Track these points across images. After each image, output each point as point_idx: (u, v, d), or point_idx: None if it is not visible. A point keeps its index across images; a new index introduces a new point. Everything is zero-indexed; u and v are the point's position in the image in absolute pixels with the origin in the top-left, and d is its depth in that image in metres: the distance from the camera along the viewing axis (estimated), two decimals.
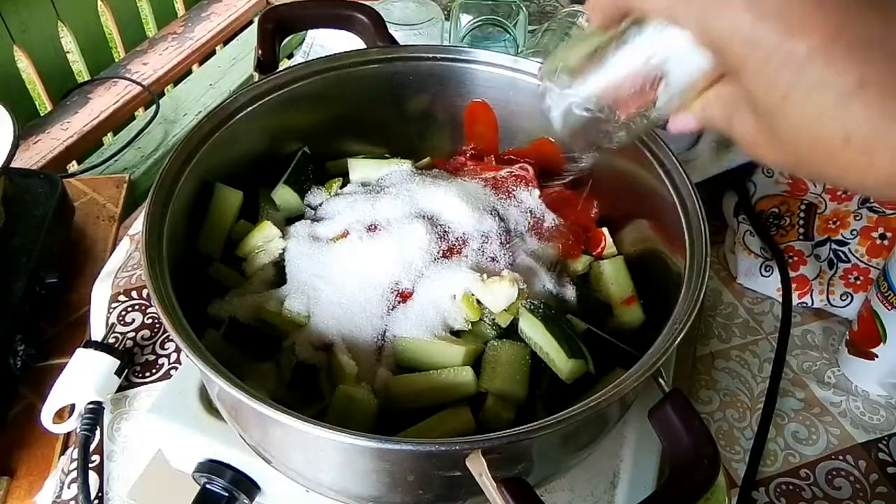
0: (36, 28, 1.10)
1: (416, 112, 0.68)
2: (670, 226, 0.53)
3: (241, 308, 0.55)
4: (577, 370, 0.49)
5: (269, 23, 0.64)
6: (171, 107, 1.14)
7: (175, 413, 0.53)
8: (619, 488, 0.52)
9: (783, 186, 0.83)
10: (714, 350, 0.73)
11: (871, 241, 0.75)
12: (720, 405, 0.68)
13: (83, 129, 1.08)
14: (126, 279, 0.75)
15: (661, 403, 0.41)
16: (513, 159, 0.68)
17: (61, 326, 0.75)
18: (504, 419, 0.49)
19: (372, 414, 0.48)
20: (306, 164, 0.65)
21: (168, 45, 1.28)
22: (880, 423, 0.66)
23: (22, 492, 0.62)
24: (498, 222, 0.57)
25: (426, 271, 0.54)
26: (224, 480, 0.52)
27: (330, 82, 0.64)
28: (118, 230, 0.86)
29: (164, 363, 0.69)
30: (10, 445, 0.65)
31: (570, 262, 0.60)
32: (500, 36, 0.96)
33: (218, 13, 1.37)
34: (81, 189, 0.91)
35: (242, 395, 0.39)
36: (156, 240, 0.49)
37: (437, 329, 0.52)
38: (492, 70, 0.64)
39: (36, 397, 0.68)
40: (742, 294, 0.78)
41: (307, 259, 0.56)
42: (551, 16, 1.02)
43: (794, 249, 0.78)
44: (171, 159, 0.53)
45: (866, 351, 0.67)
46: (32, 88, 1.16)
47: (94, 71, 1.22)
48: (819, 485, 0.62)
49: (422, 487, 0.44)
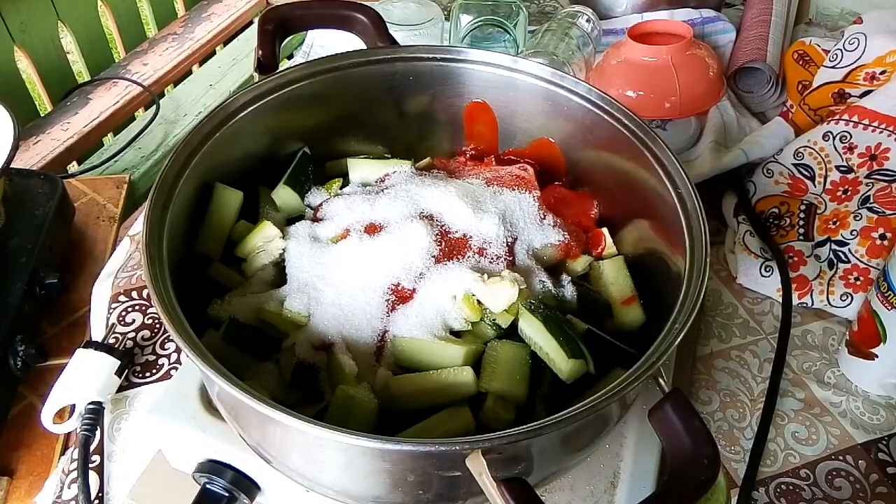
0: (36, 28, 1.10)
1: (416, 112, 0.68)
2: (670, 226, 0.53)
3: (241, 308, 0.55)
4: (577, 370, 0.49)
5: (269, 23, 0.64)
6: (171, 107, 1.14)
7: (175, 413, 0.53)
8: (619, 488, 0.52)
9: (783, 187, 0.83)
10: (714, 350, 0.73)
11: (871, 241, 0.75)
12: (720, 405, 0.68)
13: (83, 130, 1.08)
14: (126, 279, 0.75)
15: (661, 403, 0.41)
16: (513, 159, 0.68)
17: (61, 326, 0.75)
18: (504, 419, 0.49)
19: (372, 414, 0.48)
20: (306, 164, 0.65)
21: (168, 45, 1.28)
22: (880, 423, 0.66)
23: (22, 492, 0.62)
24: (498, 222, 0.57)
25: (426, 272, 0.54)
26: (224, 480, 0.52)
27: (330, 82, 0.64)
28: (118, 230, 0.86)
29: (164, 363, 0.69)
30: (10, 445, 0.65)
31: (570, 262, 0.60)
32: (500, 36, 0.97)
33: (218, 13, 1.37)
34: (81, 189, 0.91)
35: (242, 395, 0.39)
36: (156, 240, 0.49)
37: (438, 329, 0.52)
38: (492, 70, 0.64)
39: (36, 397, 0.68)
40: (742, 294, 0.78)
41: (307, 259, 0.56)
42: (551, 16, 1.02)
43: (794, 250, 0.78)
44: (172, 160, 0.53)
45: (866, 351, 0.67)
46: (32, 88, 1.16)
47: (94, 71, 1.22)
48: (819, 485, 0.62)
49: (422, 487, 0.44)
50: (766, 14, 1.01)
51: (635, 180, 0.58)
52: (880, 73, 0.84)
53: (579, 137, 0.63)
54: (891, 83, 0.78)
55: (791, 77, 0.96)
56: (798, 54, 0.96)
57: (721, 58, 1.00)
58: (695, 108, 0.89)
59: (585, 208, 0.65)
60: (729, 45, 1.02)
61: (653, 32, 0.92)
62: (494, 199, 0.60)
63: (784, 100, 0.96)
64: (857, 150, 0.79)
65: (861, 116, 0.78)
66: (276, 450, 0.48)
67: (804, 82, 0.93)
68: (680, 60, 0.87)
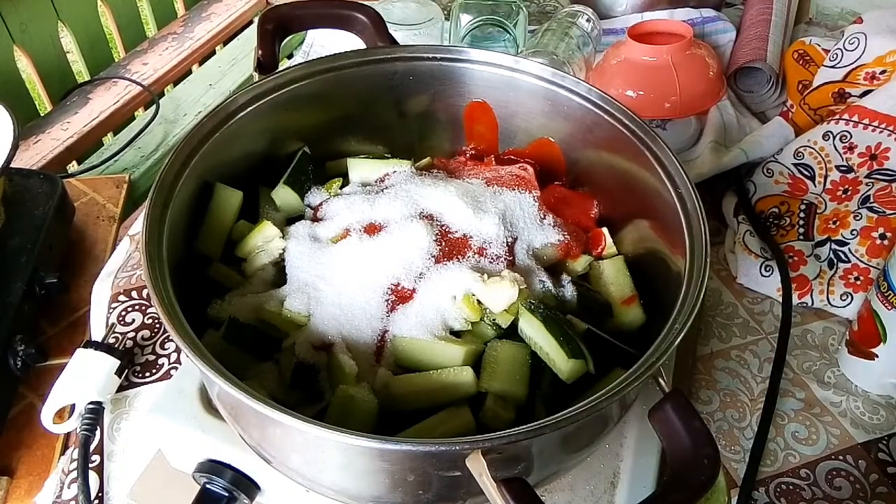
0: (36, 28, 1.10)
1: (416, 112, 0.68)
2: (670, 226, 0.53)
3: (241, 308, 0.55)
4: (577, 370, 0.49)
5: (269, 23, 0.64)
6: (171, 107, 1.14)
7: (175, 413, 0.53)
8: (619, 488, 0.52)
9: (783, 186, 0.83)
10: (714, 350, 0.73)
11: (871, 241, 0.75)
12: (720, 405, 0.68)
13: (83, 130, 1.08)
14: (126, 279, 0.75)
15: (661, 403, 0.41)
16: (513, 159, 0.68)
17: (61, 326, 0.75)
18: (504, 419, 0.49)
19: (372, 414, 0.48)
20: (306, 164, 0.65)
21: (168, 45, 1.28)
22: (880, 423, 0.66)
23: (22, 492, 0.62)
24: (498, 222, 0.57)
25: (426, 272, 0.54)
26: (224, 480, 0.52)
27: (330, 82, 0.64)
28: (118, 230, 0.86)
29: (164, 363, 0.69)
30: (10, 445, 0.65)
31: (570, 262, 0.60)
32: (500, 36, 0.96)
33: (218, 13, 1.37)
34: (81, 189, 0.91)
35: (242, 395, 0.39)
36: (156, 240, 0.49)
37: (438, 329, 0.52)
38: (492, 70, 0.64)
39: (36, 397, 0.68)
40: (742, 294, 0.78)
41: (307, 259, 0.56)
42: (551, 16, 1.02)
43: (794, 249, 0.78)
44: (171, 159, 0.53)
45: (866, 351, 0.67)
46: (32, 88, 1.16)
47: (94, 71, 1.22)
48: (819, 485, 0.62)
49: (422, 487, 0.44)
50: (766, 14, 1.01)
51: (635, 180, 0.58)
52: (880, 73, 0.84)
53: (579, 137, 0.63)
54: (891, 83, 0.78)
55: (791, 77, 0.96)
56: (798, 54, 0.96)
57: (721, 57, 1.00)
58: (695, 107, 0.89)
59: (585, 208, 0.65)
60: (729, 44, 1.02)
61: (653, 32, 0.92)
62: (494, 198, 0.60)
63: (784, 99, 0.96)
64: (857, 149, 0.79)
65: (861, 116, 0.78)
66: (275, 450, 0.48)
67: (804, 82, 0.93)
68: (680, 60, 0.87)
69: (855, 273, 0.75)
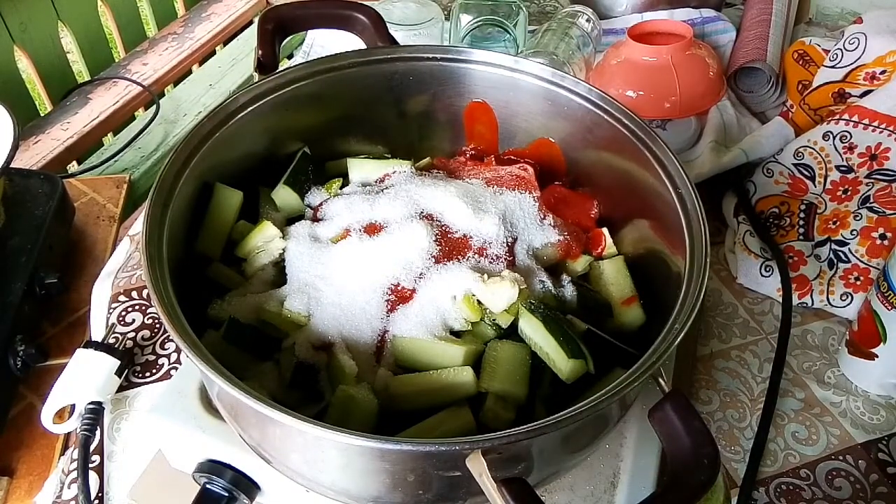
0: (36, 28, 1.10)
1: (416, 112, 0.68)
2: (670, 226, 0.53)
3: (241, 308, 0.55)
4: (577, 370, 0.49)
5: (269, 23, 0.64)
6: (171, 107, 1.14)
7: (175, 413, 0.53)
8: (619, 488, 0.52)
9: (783, 187, 0.83)
10: (714, 350, 0.73)
11: (871, 241, 0.75)
12: (720, 405, 0.68)
13: (83, 130, 1.08)
14: (126, 279, 0.75)
15: (661, 403, 0.41)
16: (513, 159, 0.68)
17: (61, 326, 0.75)
18: (504, 419, 0.49)
19: (372, 414, 0.48)
20: (306, 164, 0.65)
21: (168, 45, 1.28)
22: (880, 423, 0.66)
23: (22, 492, 0.62)
24: (498, 222, 0.57)
25: (426, 272, 0.54)
26: (224, 480, 0.52)
27: (330, 82, 0.64)
28: (118, 230, 0.86)
29: (164, 363, 0.69)
30: (10, 445, 0.65)
31: (570, 263, 0.60)
32: (500, 36, 0.97)
33: (218, 13, 1.37)
34: (81, 189, 0.91)
35: (242, 395, 0.39)
36: (156, 240, 0.49)
37: (438, 329, 0.52)
38: (492, 70, 0.64)
39: (36, 397, 0.68)
40: (742, 294, 0.78)
41: (307, 259, 0.56)
42: (551, 16, 1.02)
43: (794, 249, 0.78)
44: (171, 159, 0.53)
45: (866, 351, 0.67)
46: (32, 88, 1.16)
47: (94, 71, 1.22)
48: (819, 485, 0.62)
49: (422, 488, 0.44)
50: (766, 14, 1.01)
51: (635, 180, 0.58)
52: (880, 73, 0.84)
53: (579, 137, 0.63)
54: (891, 83, 0.78)
55: (791, 77, 0.96)
56: (798, 54, 0.96)
57: (721, 58, 1.00)
58: (695, 107, 0.89)
59: (585, 208, 0.65)
60: (729, 44, 1.02)
61: (653, 32, 0.92)
62: (494, 199, 0.60)
63: (784, 100, 0.96)
64: (857, 149, 0.79)
65: (861, 116, 0.78)
66: (275, 450, 0.48)
67: (804, 82, 0.93)
68: (680, 60, 0.87)
69: (855, 273, 0.75)
